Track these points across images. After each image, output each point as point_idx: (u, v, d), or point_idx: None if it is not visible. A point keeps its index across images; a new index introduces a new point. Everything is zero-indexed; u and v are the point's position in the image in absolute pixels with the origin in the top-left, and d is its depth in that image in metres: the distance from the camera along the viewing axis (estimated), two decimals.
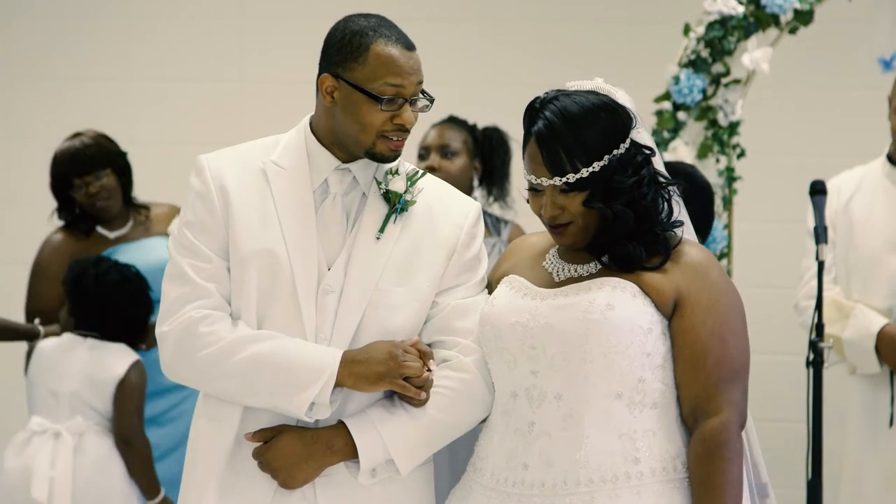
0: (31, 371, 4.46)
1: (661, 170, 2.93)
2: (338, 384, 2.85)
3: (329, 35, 2.94)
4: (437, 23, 6.15)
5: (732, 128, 4.90)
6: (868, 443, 4.68)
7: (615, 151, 2.84)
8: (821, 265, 4.16)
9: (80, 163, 4.73)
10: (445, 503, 3.01)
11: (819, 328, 4.11)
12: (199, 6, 6.40)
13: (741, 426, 2.82)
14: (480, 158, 5.07)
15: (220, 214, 2.92)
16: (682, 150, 4.85)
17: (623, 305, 2.80)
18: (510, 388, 2.88)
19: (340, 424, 2.89)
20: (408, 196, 2.96)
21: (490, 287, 3.02)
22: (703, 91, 4.89)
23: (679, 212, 2.94)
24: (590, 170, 2.82)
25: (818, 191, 4.33)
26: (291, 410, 2.86)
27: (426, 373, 2.88)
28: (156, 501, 4.40)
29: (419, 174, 3.00)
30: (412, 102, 2.91)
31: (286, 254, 2.90)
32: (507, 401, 2.89)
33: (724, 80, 4.90)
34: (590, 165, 2.82)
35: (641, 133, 2.90)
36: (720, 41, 4.87)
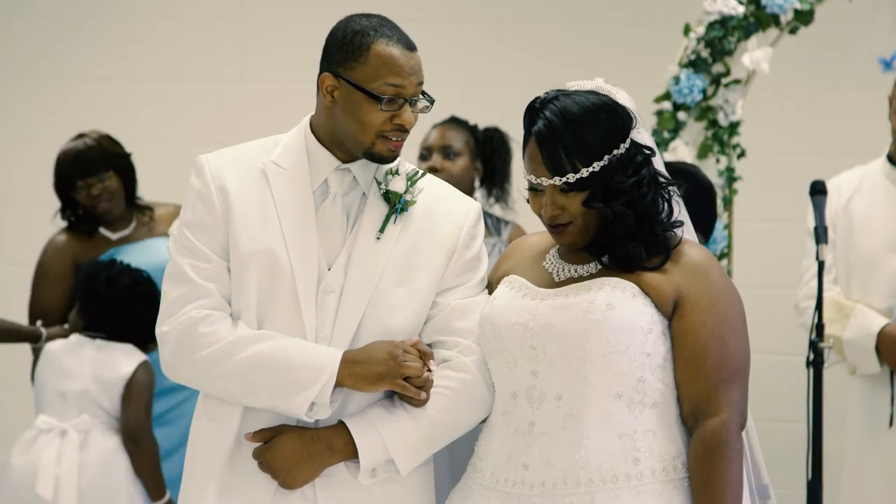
0: (39, 372, 4.46)
1: (662, 170, 2.93)
2: (338, 384, 2.85)
3: (330, 34, 2.94)
4: (437, 23, 6.14)
5: (732, 128, 4.90)
6: (868, 443, 4.68)
7: (615, 151, 2.84)
8: (821, 265, 4.16)
9: (83, 164, 4.72)
10: (445, 503, 3.01)
11: (819, 328, 4.11)
12: (199, 6, 6.40)
13: (741, 426, 2.82)
14: (482, 159, 5.06)
15: (221, 214, 2.92)
16: (683, 151, 4.85)
17: (623, 305, 2.80)
18: (510, 389, 2.88)
19: (340, 424, 2.89)
20: (408, 196, 2.96)
21: (490, 287, 3.02)
22: (704, 91, 4.89)
23: (679, 212, 2.93)
24: (590, 170, 2.82)
25: (818, 191, 4.33)
26: (291, 410, 2.85)
27: (426, 373, 2.88)
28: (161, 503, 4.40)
29: (419, 174, 3.00)
30: (412, 103, 2.91)
31: (286, 254, 2.90)
32: (507, 401, 2.89)
33: (725, 81, 4.90)
34: (590, 165, 2.82)
35: (641, 133, 2.90)
36: (720, 41, 4.87)
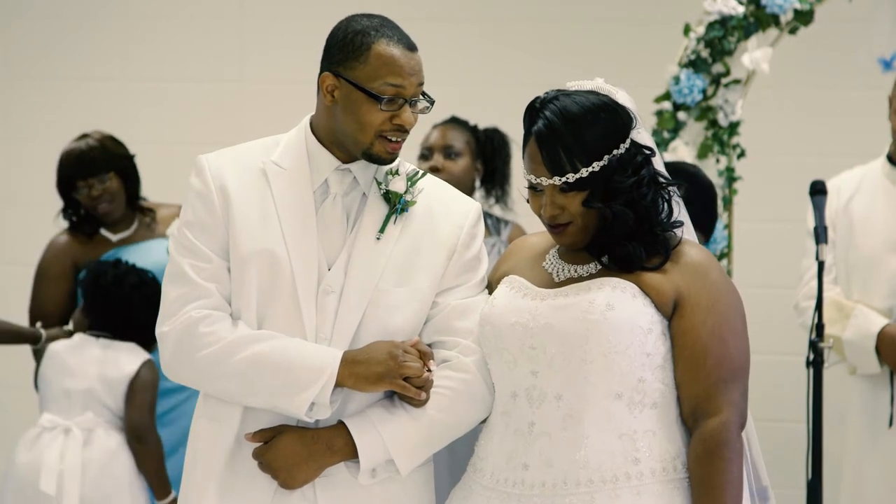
0: (43, 371, 4.47)
1: (662, 170, 2.93)
2: (338, 384, 2.85)
3: (331, 34, 2.94)
4: (437, 23, 6.14)
5: (732, 128, 4.89)
6: (868, 443, 4.68)
7: (615, 151, 2.84)
8: (821, 265, 4.16)
9: (84, 165, 4.72)
10: (445, 503, 3.01)
11: (819, 328, 4.11)
12: (199, 6, 6.40)
13: (741, 426, 2.82)
14: (482, 160, 5.06)
15: (221, 214, 2.92)
16: (683, 151, 4.85)
17: (623, 306, 2.80)
18: (510, 389, 2.88)
19: (340, 424, 2.89)
20: (408, 196, 2.96)
21: (490, 287, 3.02)
22: (704, 91, 4.89)
23: (679, 212, 2.93)
24: (589, 170, 2.82)
25: (818, 191, 4.33)
26: (291, 410, 2.85)
27: (426, 373, 2.88)
28: (165, 502, 4.39)
29: (419, 174, 3.00)
30: (412, 103, 2.91)
31: (286, 254, 2.90)
32: (507, 401, 2.89)
33: (725, 81, 4.89)
34: (589, 165, 2.82)
35: (641, 133, 2.90)
36: (720, 41, 4.87)
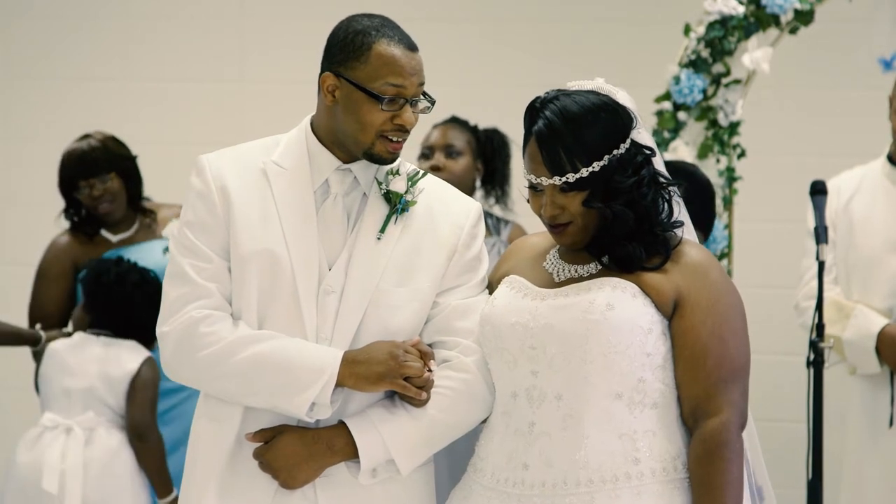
0: (44, 370, 4.47)
1: (662, 170, 2.93)
2: (338, 384, 2.85)
3: (332, 34, 2.94)
4: (437, 23, 6.14)
5: (733, 128, 4.89)
6: (868, 443, 4.68)
7: (615, 151, 2.84)
8: (821, 265, 4.16)
9: (86, 165, 4.72)
10: (445, 503, 3.01)
11: (819, 328, 4.11)
12: (199, 6, 6.40)
13: (741, 426, 2.81)
14: (482, 160, 5.06)
15: (221, 214, 2.92)
16: (683, 151, 4.85)
17: (623, 306, 2.80)
18: (510, 389, 2.88)
19: (341, 424, 2.88)
20: (409, 196, 2.96)
21: (491, 287, 3.02)
22: (704, 91, 4.88)
23: (679, 212, 2.93)
24: (590, 169, 2.82)
25: (818, 191, 4.33)
26: (292, 410, 2.85)
27: (427, 373, 2.88)
28: (167, 500, 4.39)
29: (420, 174, 3.00)
30: (413, 103, 2.91)
31: (287, 254, 2.89)
32: (508, 401, 2.89)
33: (725, 80, 4.89)
34: (590, 165, 2.82)
35: (642, 133, 2.90)
36: (720, 41, 4.87)
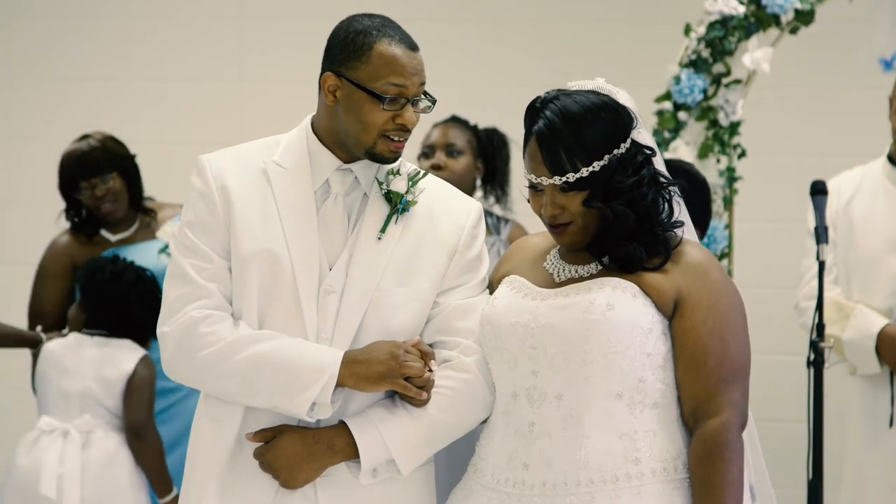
0: (40, 372, 4.46)
1: (662, 170, 2.93)
2: (339, 384, 2.85)
3: (333, 34, 2.94)
4: (437, 23, 6.14)
5: (733, 128, 4.89)
6: (868, 443, 4.68)
7: (615, 151, 2.83)
8: (821, 265, 4.16)
9: (86, 165, 4.72)
10: (445, 503, 3.01)
11: (820, 328, 4.11)
12: (199, 6, 6.40)
13: (742, 426, 2.81)
14: (483, 159, 5.06)
15: (222, 214, 2.92)
16: (683, 150, 4.85)
17: (623, 306, 2.80)
18: (511, 389, 2.88)
19: (341, 424, 2.88)
20: (409, 196, 2.96)
21: (491, 287, 3.02)
22: (704, 91, 4.88)
23: (679, 212, 2.93)
24: (590, 169, 2.82)
25: (818, 191, 4.33)
26: (292, 411, 2.85)
27: (427, 373, 2.88)
28: (167, 500, 4.39)
29: (420, 174, 3.00)
30: (414, 103, 2.91)
31: (287, 254, 2.89)
32: (508, 401, 2.89)
33: (725, 80, 4.89)
34: (590, 165, 2.82)
35: (642, 133, 2.90)
36: (721, 41, 4.87)
